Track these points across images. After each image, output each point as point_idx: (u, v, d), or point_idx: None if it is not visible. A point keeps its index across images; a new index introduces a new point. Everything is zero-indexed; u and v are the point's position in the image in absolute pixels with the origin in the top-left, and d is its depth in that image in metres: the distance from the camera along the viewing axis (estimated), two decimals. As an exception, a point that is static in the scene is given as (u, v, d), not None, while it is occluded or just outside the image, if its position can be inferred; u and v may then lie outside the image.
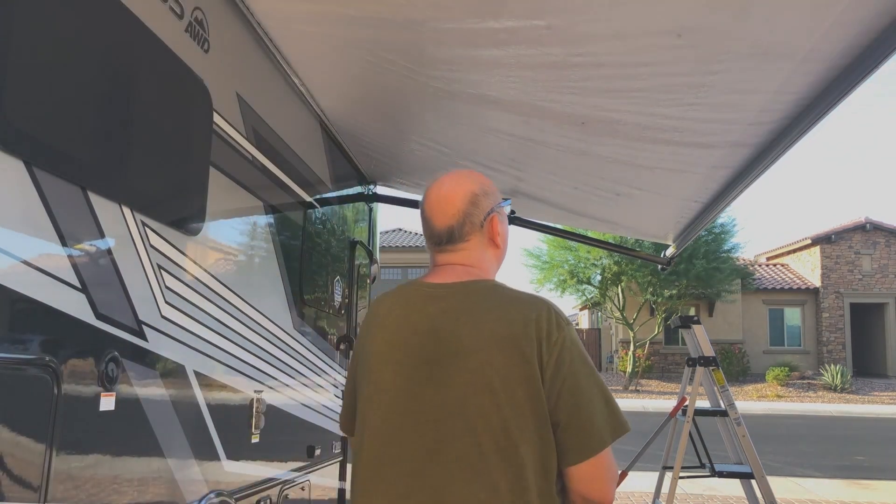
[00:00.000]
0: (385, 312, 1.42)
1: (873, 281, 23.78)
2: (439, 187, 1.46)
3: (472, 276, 1.39)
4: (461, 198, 1.42)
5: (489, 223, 1.44)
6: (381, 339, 1.38)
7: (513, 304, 1.30)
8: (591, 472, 1.23)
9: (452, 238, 1.42)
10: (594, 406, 1.24)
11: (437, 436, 1.24)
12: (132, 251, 1.81)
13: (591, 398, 1.25)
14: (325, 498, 3.77)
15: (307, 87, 3.32)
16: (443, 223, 1.42)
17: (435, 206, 1.44)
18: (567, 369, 1.24)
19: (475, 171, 1.53)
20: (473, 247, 1.43)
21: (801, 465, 9.67)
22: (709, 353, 4.96)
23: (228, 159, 2.45)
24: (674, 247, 5.17)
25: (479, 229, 1.43)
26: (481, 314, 1.29)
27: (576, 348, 1.28)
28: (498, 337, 1.25)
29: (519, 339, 1.24)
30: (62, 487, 1.52)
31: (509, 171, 4.16)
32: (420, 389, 1.28)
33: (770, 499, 4.60)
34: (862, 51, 2.10)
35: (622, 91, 2.67)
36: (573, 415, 1.23)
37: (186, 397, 2.12)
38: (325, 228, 3.81)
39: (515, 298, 1.32)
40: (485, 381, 1.23)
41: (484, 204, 1.44)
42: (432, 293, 1.37)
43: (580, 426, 1.22)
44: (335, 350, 3.95)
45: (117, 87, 1.76)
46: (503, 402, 1.22)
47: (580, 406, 1.23)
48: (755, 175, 3.20)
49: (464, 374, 1.25)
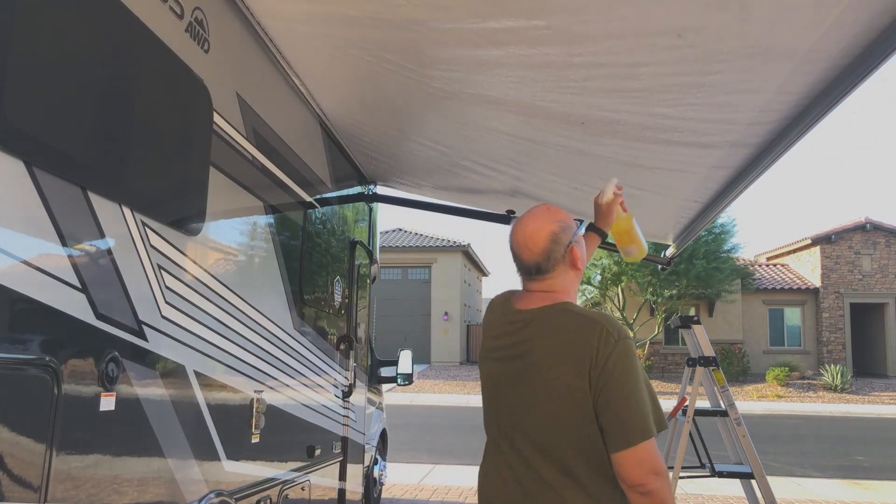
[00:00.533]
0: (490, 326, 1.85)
1: (873, 281, 23.76)
2: (524, 227, 1.74)
3: (550, 301, 1.70)
4: (544, 238, 1.70)
5: (569, 253, 1.73)
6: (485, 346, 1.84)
7: (575, 328, 1.60)
8: (623, 461, 1.50)
9: (539, 270, 1.72)
10: (632, 410, 1.51)
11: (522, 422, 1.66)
12: (132, 251, 1.81)
13: (631, 404, 1.52)
14: (325, 498, 3.77)
15: (307, 87, 3.32)
16: (530, 260, 1.72)
17: (522, 245, 1.73)
18: (611, 380, 1.52)
19: (552, 207, 1.78)
20: (557, 275, 1.73)
21: (801, 465, 9.67)
22: (709, 354, 4.96)
23: (228, 159, 2.44)
24: (674, 247, 5.17)
25: (561, 261, 1.71)
26: (550, 336, 1.63)
27: (621, 361, 1.53)
28: (562, 353, 1.59)
29: (576, 357, 1.55)
30: (62, 487, 1.52)
31: (509, 171, 4.16)
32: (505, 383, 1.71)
33: (770, 499, 4.60)
34: (862, 51, 2.10)
35: (622, 91, 2.67)
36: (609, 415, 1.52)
37: (186, 397, 2.12)
38: (325, 228, 3.81)
39: (578, 322, 1.61)
40: (548, 388, 1.58)
41: (563, 239, 1.71)
42: (516, 318, 1.73)
43: (614, 424, 1.52)
44: (335, 350, 3.95)
45: (117, 87, 1.76)
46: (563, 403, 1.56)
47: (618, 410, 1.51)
48: (755, 175, 3.20)
49: (532, 377, 1.63)
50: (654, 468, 1.48)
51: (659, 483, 1.48)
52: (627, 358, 1.54)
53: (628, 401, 1.52)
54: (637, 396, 1.53)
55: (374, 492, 5.54)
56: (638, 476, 1.48)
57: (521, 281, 1.80)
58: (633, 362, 1.55)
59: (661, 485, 1.48)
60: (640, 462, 1.48)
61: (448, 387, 19.97)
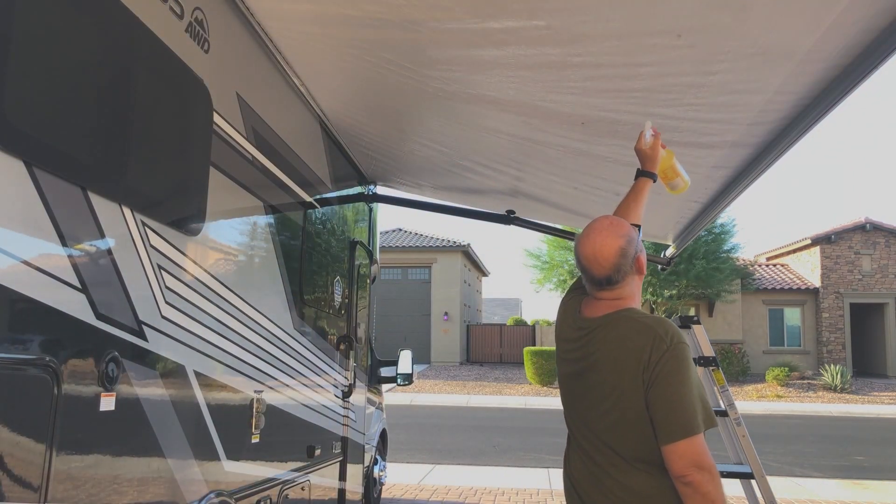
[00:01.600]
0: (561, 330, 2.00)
1: (873, 281, 23.76)
2: (592, 243, 1.84)
3: (615, 308, 1.83)
4: (613, 254, 1.81)
5: (636, 263, 1.85)
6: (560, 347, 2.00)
7: (632, 334, 1.75)
8: (667, 455, 1.64)
9: (610, 283, 1.83)
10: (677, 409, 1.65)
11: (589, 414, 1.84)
12: (132, 251, 1.81)
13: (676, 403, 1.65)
14: (325, 498, 3.77)
15: (307, 87, 3.32)
16: (601, 274, 1.83)
17: (592, 261, 1.83)
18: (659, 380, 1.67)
19: (615, 220, 1.89)
20: (626, 284, 1.85)
21: (801, 465, 9.67)
22: (709, 354, 4.96)
23: (228, 159, 2.44)
24: (674, 247, 5.17)
25: (629, 271, 1.84)
26: (611, 342, 1.78)
27: (671, 364, 1.67)
28: (619, 359, 1.75)
29: (631, 362, 1.71)
30: (62, 487, 1.52)
31: (509, 171, 4.15)
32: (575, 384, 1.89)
33: (770, 499, 4.60)
34: (862, 51, 2.10)
35: (622, 91, 2.67)
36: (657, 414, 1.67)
37: (186, 397, 2.12)
38: (325, 228, 3.81)
39: (635, 329, 1.76)
40: (605, 388, 1.77)
41: (630, 251, 1.83)
42: (584, 325, 1.88)
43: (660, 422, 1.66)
44: (335, 350, 3.95)
45: (117, 88, 1.76)
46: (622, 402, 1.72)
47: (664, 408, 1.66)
48: (755, 175, 3.20)
49: (596, 382, 1.80)
50: (697, 462, 1.61)
51: (700, 476, 1.60)
52: (677, 361, 1.68)
53: (672, 401, 1.66)
54: (683, 397, 1.66)
55: (374, 492, 5.54)
56: (680, 468, 1.62)
57: (590, 290, 1.92)
58: (683, 365, 1.69)
59: (703, 478, 1.60)
60: (682, 456, 1.62)
61: (448, 387, 19.97)
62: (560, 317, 2.04)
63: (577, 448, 1.90)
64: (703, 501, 1.61)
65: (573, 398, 1.91)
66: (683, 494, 1.64)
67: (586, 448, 1.84)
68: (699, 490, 1.60)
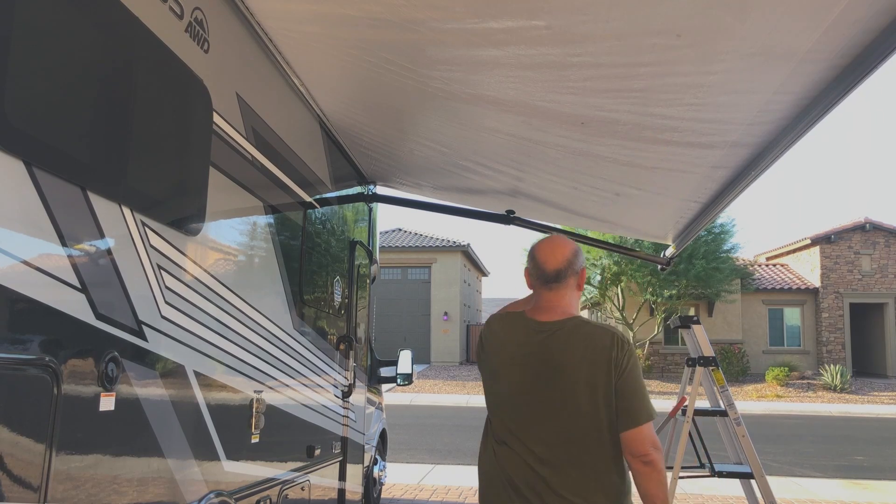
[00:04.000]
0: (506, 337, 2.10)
1: (873, 281, 23.75)
2: (551, 241, 2.10)
3: (565, 315, 2.02)
4: (569, 249, 2.06)
5: (581, 273, 2.09)
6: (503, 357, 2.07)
7: (594, 336, 1.95)
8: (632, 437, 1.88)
9: (558, 277, 2.02)
10: (640, 399, 1.91)
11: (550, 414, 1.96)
12: (132, 251, 1.81)
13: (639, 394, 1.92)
14: (324, 498, 3.77)
15: (307, 87, 3.32)
16: (554, 266, 2.03)
17: (549, 254, 2.05)
18: (626, 375, 1.91)
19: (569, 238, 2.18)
20: (568, 288, 2.05)
21: (800, 465, 9.67)
22: (708, 353, 4.96)
23: (228, 159, 2.44)
24: (673, 247, 5.17)
25: (574, 275, 2.05)
26: (574, 343, 1.95)
27: (631, 362, 1.93)
28: (585, 358, 1.93)
29: (600, 359, 1.92)
30: (62, 487, 1.52)
31: (509, 171, 4.15)
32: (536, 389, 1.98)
33: (770, 499, 4.60)
34: (862, 51, 2.10)
35: (622, 91, 2.67)
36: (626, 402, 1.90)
37: (186, 397, 2.12)
38: (324, 228, 3.81)
39: (596, 331, 1.97)
40: (575, 385, 1.92)
41: (579, 259, 2.08)
42: (539, 328, 2.02)
43: (626, 410, 1.90)
44: (335, 350, 3.95)
45: (117, 88, 1.76)
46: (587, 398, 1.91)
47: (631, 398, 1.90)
48: (755, 175, 3.20)
49: (564, 381, 1.94)
50: (654, 443, 1.90)
51: (657, 455, 1.89)
52: (635, 359, 1.97)
53: (636, 393, 1.92)
54: (642, 390, 1.94)
55: (374, 492, 5.54)
56: (643, 448, 1.87)
57: (538, 292, 2.09)
58: (638, 363, 1.97)
59: (659, 456, 1.89)
60: (646, 437, 1.88)
61: (448, 387, 19.97)
62: (499, 327, 2.15)
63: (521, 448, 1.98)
64: (659, 476, 1.88)
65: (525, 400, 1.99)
66: (642, 473, 1.88)
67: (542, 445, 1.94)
68: (656, 467, 1.87)
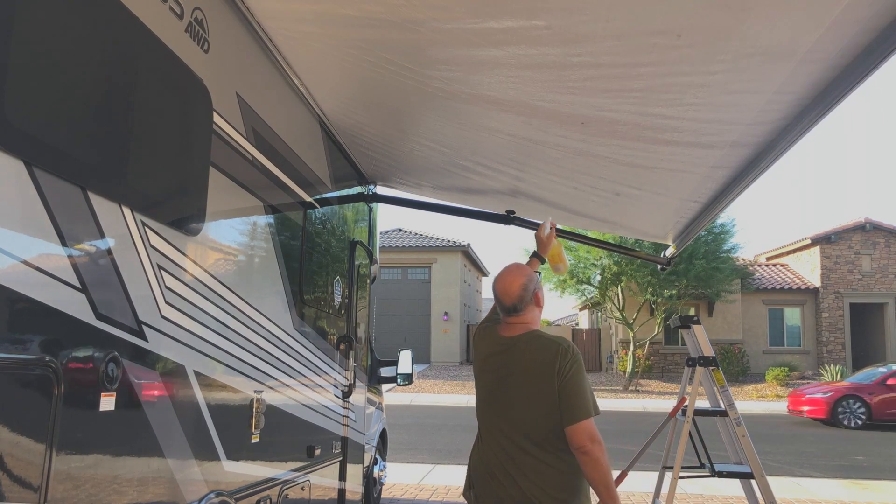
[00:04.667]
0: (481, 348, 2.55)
1: (873, 281, 23.76)
2: (503, 281, 2.47)
3: (524, 330, 2.43)
4: (518, 288, 2.43)
5: (534, 297, 2.47)
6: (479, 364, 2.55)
7: (544, 347, 2.33)
8: (572, 432, 2.21)
9: (515, 310, 2.44)
10: (579, 399, 2.25)
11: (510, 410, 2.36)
12: (132, 251, 1.81)
13: (578, 395, 2.26)
14: (324, 498, 3.77)
15: (307, 87, 3.32)
16: (509, 303, 2.44)
17: (503, 293, 2.45)
18: (567, 380, 2.26)
19: (520, 265, 2.55)
20: (527, 312, 2.46)
21: (800, 465, 9.67)
22: (708, 353, 4.96)
23: (228, 159, 2.45)
24: (673, 247, 5.17)
25: (530, 302, 2.45)
26: (528, 353, 2.35)
27: (575, 367, 2.28)
28: (536, 367, 2.31)
29: (546, 368, 2.28)
30: (62, 487, 1.52)
31: (509, 171, 4.15)
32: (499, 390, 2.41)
33: (770, 499, 4.60)
34: (862, 51, 2.10)
35: (622, 91, 2.67)
36: (566, 402, 2.25)
37: (186, 397, 2.12)
38: (325, 228, 3.81)
39: (545, 344, 2.34)
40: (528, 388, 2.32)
41: (530, 287, 2.45)
42: (503, 342, 2.45)
43: (567, 409, 2.24)
44: (335, 350, 3.95)
45: (117, 87, 1.76)
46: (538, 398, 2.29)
47: (570, 399, 2.25)
48: (755, 175, 3.20)
49: (518, 386, 2.36)
50: (591, 436, 2.20)
51: (594, 446, 2.19)
52: (577, 365, 2.30)
53: (576, 393, 2.26)
54: (582, 392, 2.27)
55: (374, 492, 5.54)
56: (580, 441, 2.20)
57: (503, 316, 2.49)
58: (581, 368, 2.31)
59: (595, 448, 2.19)
60: (583, 431, 2.20)
61: (448, 387, 19.97)
62: (478, 339, 2.60)
63: (493, 440, 2.39)
64: (595, 464, 2.19)
65: (494, 400, 2.41)
66: (582, 462, 2.22)
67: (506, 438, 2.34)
68: (592, 456, 2.19)
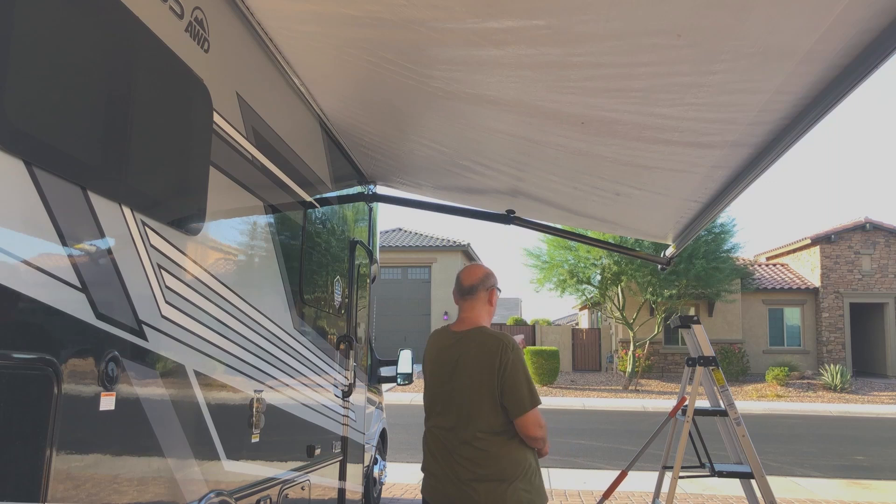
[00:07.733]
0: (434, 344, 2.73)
1: (873, 281, 23.75)
2: (471, 266, 2.77)
3: (472, 325, 2.64)
4: (482, 272, 2.72)
5: (491, 291, 2.70)
6: (431, 358, 2.71)
7: (487, 342, 2.52)
8: (521, 423, 2.44)
9: (472, 291, 2.66)
10: (521, 392, 2.45)
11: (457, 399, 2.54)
12: (132, 251, 1.81)
13: (517, 389, 2.45)
14: (324, 497, 3.78)
15: (307, 87, 3.32)
16: (468, 283, 2.67)
17: (467, 274, 2.71)
18: (508, 374, 2.46)
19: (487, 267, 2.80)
20: (478, 301, 2.67)
21: (800, 465, 9.67)
22: (708, 353, 4.96)
23: (228, 159, 2.45)
24: (673, 247, 5.17)
25: (484, 290, 2.67)
26: (473, 347, 2.55)
27: (515, 360, 2.47)
28: (479, 358, 2.51)
29: (488, 360, 2.48)
30: (62, 487, 1.52)
31: (509, 170, 4.16)
32: (446, 381, 2.59)
33: (770, 499, 4.60)
34: (862, 51, 2.10)
35: (622, 91, 2.67)
36: (509, 395, 2.45)
37: (186, 397, 2.12)
38: (325, 228, 3.81)
39: (488, 339, 2.54)
40: (471, 380, 2.51)
41: (490, 281, 2.71)
42: (452, 336, 2.65)
43: (512, 402, 2.45)
44: (335, 350, 3.95)
45: (117, 87, 1.76)
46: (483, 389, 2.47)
47: (513, 391, 2.45)
48: (755, 175, 3.20)
49: (464, 377, 2.53)
50: (538, 424, 2.46)
51: (542, 432, 2.47)
52: (518, 359, 2.49)
53: (517, 387, 2.45)
54: (524, 384, 2.46)
55: (374, 491, 5.54)
56: (530, 432, 2.44)
57: (458, 305, 2.70)
58: (522, 362, 2.50)
59: (544, 433, 2.48)
60: (532, 422, 2.44)
61: (448, 386, 19.93)
62: (433, 338, 2.78)
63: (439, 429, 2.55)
64: (543, 443, 2.50)
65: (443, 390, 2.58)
66: (533, 445, 2.48)
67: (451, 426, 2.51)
68: (539, 441, 2.47)
